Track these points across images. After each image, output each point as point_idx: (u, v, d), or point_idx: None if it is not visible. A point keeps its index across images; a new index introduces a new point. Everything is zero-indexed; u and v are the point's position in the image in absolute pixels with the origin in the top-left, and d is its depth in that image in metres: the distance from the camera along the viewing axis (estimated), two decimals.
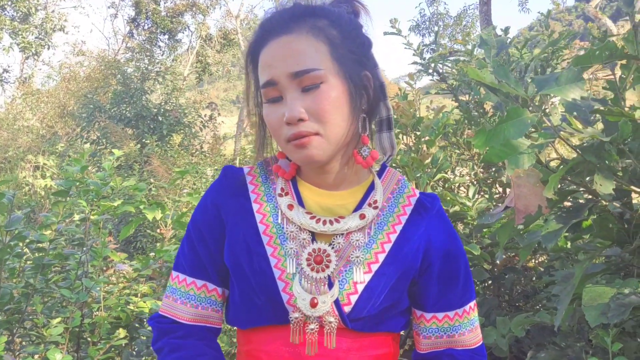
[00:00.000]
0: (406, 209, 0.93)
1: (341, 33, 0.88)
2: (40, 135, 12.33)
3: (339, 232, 0.88)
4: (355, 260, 0.87)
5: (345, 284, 0.86)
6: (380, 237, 0.90)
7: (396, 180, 0.97)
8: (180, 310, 0.93)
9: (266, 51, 0.86)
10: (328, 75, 0.84)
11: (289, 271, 0.87)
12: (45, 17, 19.59)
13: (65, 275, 2.10)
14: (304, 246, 0.88)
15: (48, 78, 18.65)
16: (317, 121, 0.83)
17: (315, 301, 0.85)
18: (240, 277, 0.90)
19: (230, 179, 0.96)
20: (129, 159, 6.73)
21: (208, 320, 0.95)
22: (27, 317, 1.98)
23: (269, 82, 0.85)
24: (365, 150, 0.90)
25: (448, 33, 18.98)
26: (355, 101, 0.87)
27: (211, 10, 16.47)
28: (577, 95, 1.17)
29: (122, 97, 8.57)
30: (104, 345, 1.77)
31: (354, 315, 0.86)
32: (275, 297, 0.86)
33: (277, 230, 0.89)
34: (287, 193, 0.92)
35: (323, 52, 0.85)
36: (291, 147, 0.85)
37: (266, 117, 0.88)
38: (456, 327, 0.94)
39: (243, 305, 0.91)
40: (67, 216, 2.07)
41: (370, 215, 0.89)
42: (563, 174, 1.23)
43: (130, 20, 16.93)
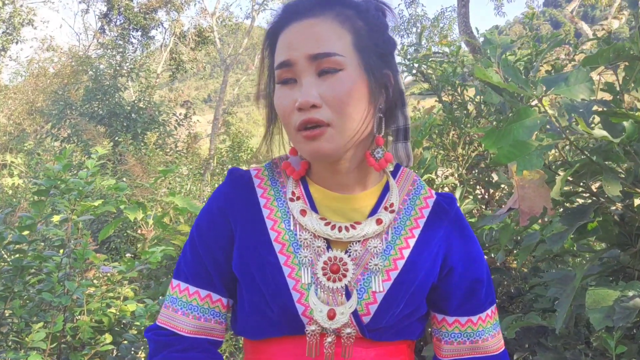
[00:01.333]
0: (424, 212, 0.89)
1: (367, 25, 0.84)
2: (7, 133, 12.01)
3: (355, 239, 0.84)
4: (374, 268, 0.83)
5: (363, 294, 0.82)
6: (398, 243, 0.86)
7: (412, 181, 0.93)
8: (181, 321, 0.87)
9: (287, 32, 0.82)
10: (348, 64, 0.79)
11: (304, 281, 0.82)
12: (14, 11, 19.04)
13: (45, 277, 2.01)
14: (319, 254, 0.83)
15: (16, 74, 18.16)
16: (331, 110, 0.78)
17: (333, 313, 0.81)
18: (251, 287, 0.85)
19: (237, 182, 0.90)
20: (102, 158, 6.58)
21: (210, 333, 0.89)
22: (4, 322, 1.89)
23: (285, 62, 0.80)
24: (379, 152, 0.85)
25: (426, 35, 19.12)
26: (374, 97, 0.83)
27: (186, 7, 16.24)
28: (587, 95, 1.16)
29: (94, 94, 8.36)
30: (89, 350, 1.69)
31: (373, 325, 0.83)
32: (290, 308, 0.81)
33: (290, 237, 0.84)
34: (299, 197, 0.87)
35: (346, 40, 0.81)
36: (301, 137, 0.80)
37: (277, 101, 0.82)
38: (480, 332, 0.91)
39: (254, 316, 0.86)
40: (48, 216, 1.99)
41: (387, 220, 0.86)
42: (570, 175, 1.22)
43: (102, 15, 16.57)
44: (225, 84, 14.86)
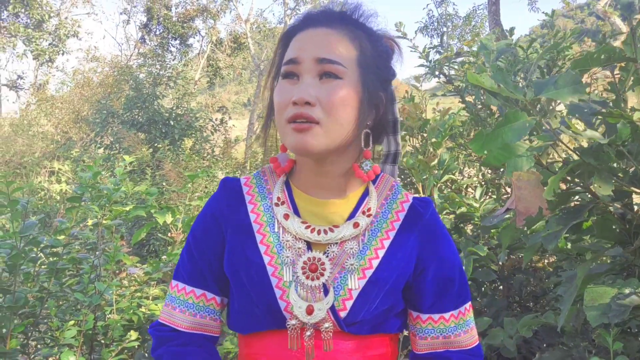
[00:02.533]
0: (399, 215, 0.95)
1: (373, 50, 0.94)
2: (55, 141, 12.48)
3: (333, 241, 0.91)
4: (350, 267, 0.90)
5: (340, 291, 0.89)
6: (374, 244, 0.92)
7: (390, 186, 0.99)
8: (179, 318, 0.96)
9: (302, 35, 0.91)
10: (348, 75, 0.88)
11: (286, 279, 0.89)
12: (59, 24, 19.83)
13: (79, 279, 2.15)
14: (299, 255, 0.90)
15: (62, 84, 18.88)
16: (323, 111, 0.86)
17: (311, 308, 0.88)
18: (239, 286, 0.92)
19: (229, 190, 0.99)
20: (142, 164, 6.82)
21: (206, 329, 0.97)
22: (41, 321, 2.03)
23: (294, 59, 0.89)
24: (367, 164, 0.93)
25: (457, 34, 18.92)
26: (363, 110, 0.90)
27: (221, 14, 16.59)
28: (575, 98, 1.18)
29: (134, 102, 8.66)
30: (116, 347, 1.81)
31: (350, 319, 0.89)
32: (273, 304, 0.89)
33: (274, 239, 0.92)
34: (284, 202, 0.94)
35: (352, 55, 0.89)
36: (289, 129, 0.87)
37: (276, 93, 0.91)
38: (452, 328, 0.96)
39: (242, 312, 0.93)
40: (80, 221, 2.12)
41: (363, 224, 0.92)
42: (563, 176, 1.25)
43: (142, 26, 17.12)
44: (260, 88, 15.11)
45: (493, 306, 2.49)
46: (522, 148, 1.21)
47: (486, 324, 2.20)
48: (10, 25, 19.17)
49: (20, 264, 1.86)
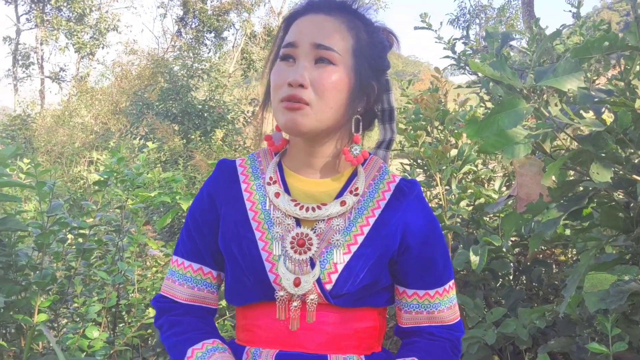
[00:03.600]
0: (385, 195, 0.99)
1: (370, 40, 0.99)
2: (94, 132, 12.87)
3: (320, 218, 0.96)
4: (336, 243, 0.94)
5: (326, 264, 0.93)
6: (359, 221, 0.96)
7: (378, 167, 1.03)
8: (178, 291, 1.02)
9: (302, 20, 0.97)
10: (342, 62, 0.93)
11: (275, 253, 0.94)
12: (100, 18, 20.35)
13: (104, 259, 2.26)
14: (288, 231, 0.95)
15: (102, 76, 19.41)
16: (314, 93, 0.91)
17: (298, 281, 0.93)
18: (232, 260, 0.98)
19: (224, 170, 1.05)
20: (175, 154, 6.99)
21: (204, 301, 1.04)
22: (69, 298, 2.15)
23: (292, 43, 0.94)
24: (356, 149, 0.98)
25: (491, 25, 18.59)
26: (354, 96, 0.95)
27: (255, 8, 16.76)
28: (574, 86, 1.19)
29: (169, 94, 8.87)
30: (135, 323, 1.90)
31: (335, 292, 0.94)
32: (263, 277, 0.94)
33: (265, 216, 0.97)
34: (275, 182, 1.00)
35: (347, 44, 0.95)
36: (282, 107, 0.92)
37: (273, 73, 0.96)
38: (436, 304, 1.01)
39: (235, 285, 0.99)
40: (106, 205, 2.22)
41: (350, 202, 0.97)
42: (562, 164, 1.26)
43: (179, 19, 17.43)
44: None
45: (510, 297, 2.49)
46: (520, 135, 1.22)
47: (501, 313, 2.21)
48: (53, 19, 19.79)
49: (49, 244, 1.97)
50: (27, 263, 1.93)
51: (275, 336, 0.96)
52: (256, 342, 0.98)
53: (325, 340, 0.96)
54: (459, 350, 1.02)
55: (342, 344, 0.97)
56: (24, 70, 21.35)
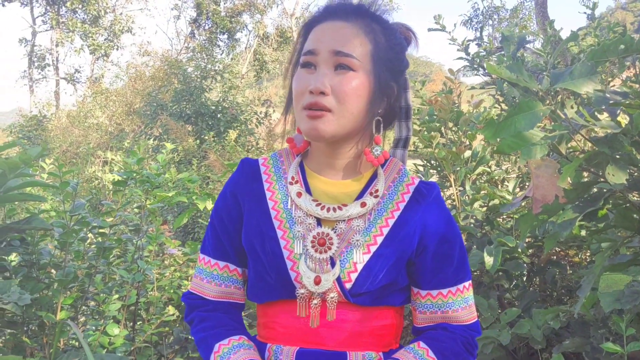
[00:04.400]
0: (405, 197, 1.01)
1: (387, 42, 1.01)
2: (108, 132, 12.99)
3: (341, 218, 0.98)
4: (356, 243, 0.97)
5: (345, 264, 0.96)
6: (379, 222, 0.99)
7: (397, 170, 1.05)
8: (207, 288, 1.06)
9: (321, 27, 0.99)
10: (361, 67, 0.95)
11: (296, 252, 0.97)
12: (114, 20, 20.55)
13: (124, 258, 2.30)
14: (309, 230, 0.98)
15: (116, 78, 19.59)
16: (336, 99, 0.94)
17: (319, 279, 0.95)
18: (254, 257, 1.01)
19: (247, 169, 1.07)
20: (188, 155, 7.06)
21: (231, 297, 1.07)
22: (89, 296, 2.19)
23: (312, 50, 0.97)
24: (377, 149, 1.01)
25: (504, 27, 18.51)
26: (374, 100, 0.98)
27: (268, 9, 16.85)
28: (591, 88, 1.21)
29: (182, 95, 8.95)
30: (155, 320, 1.94)
31: (355, 291, 0.96)
32: (284, 274, 0.97)
33: (287, 215, 1.00)
34: (297, 181, 1.02)
35: (366, 49, 0.97)
36: (304, 115, 0.95)
37: (295, 81, 0.99)
38: (449, 303, 1.02)
39: (257, 282, 1.02)
40: (125, 204, 2.27)
41: (370, 204, 0.99)
42: (577, 165, 1.27)
43: (192, 21, 17.56)
44: None
45: (525, 298, 2.50)
46: (537, 136, 1.24)
47: (515, 314, 2.22)
48: (69, 21, 20.02)
49: (71, 242, 2.02)
50: (50, 261, 1.98)
51: (295, 333, 0.99)
52: (277, 339, 1.01)
53: (345, 338, 0.98)
54: (472, 347, 1.03)
55: (361, 341, 0.99)
56: (39, 72, 21.63)
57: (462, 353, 1.01)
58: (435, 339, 1.01)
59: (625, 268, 1.52)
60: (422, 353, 0.98)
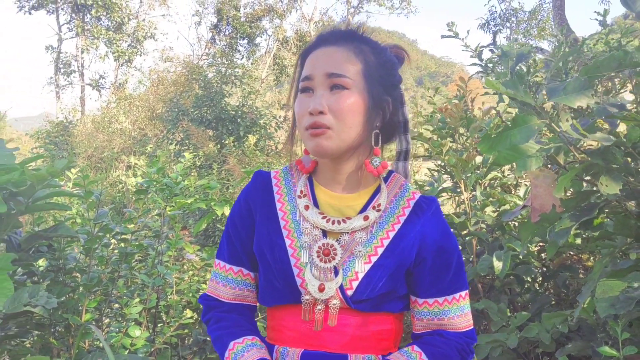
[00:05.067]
0: (405, 211, 1.09)
1: (377, 60, 1.09)
2: (132, 137, 13.23)
3: (345, 230, 1.06)
4: (358, 253, 1.04)
5: (348, 272, 1.03)
6: (380, 234, 1.06)
7: (399, 185, 1.13)
8: (222, 291, 1.14)
9: (315, 54, 1.08)
10: (354, 85, 1.04)
11: (303, 260, 1.05)
12: (137, 26, 20.93)
13: (145, 263, 2.40)
14: (315, 240, 1.06)
15: (139, 83, 19.95)
16: (333, 117, 1.02)
17: (323, 287, 1.03)
18: (264, 264, 1.09)
19: (260, 181, 1.16)
20: (209, 159, 7.20)
21: (245, 299, 1.15)
22: (113, 299, 2.30)
23: (308, 76, 1.06)
24: (376, 160, 1.08)
25: (522, 29, 18.35)
26: (370, 114, 1.05)
27: (287, 14, 17.00)
28: (584, 103, 1.26)
29: (203, 101, 9.11)
30: (174, 323, 2.04)
31: (356, 298, 1.03)
32: (291, 281, 1.05)
33: (295, 226, 1.08)
34: (305, 195, 1.10)
35: (357, 68, 1.05)
36: (307, 134, 1.03)
37: (296, 106, 1.08)
38: (445, 311, 1.08)
39: (266, 287, 1.10)
40: (146, 211, 2.37)
41: (373, 217, 1.06)
42: (573, 176, 1.32)
43: (213, 26, 17.81)
44: None
45: (536, 302, 2.53)
46: (532, 149, 1.30)
47: (525, 318, 2.26)
48: (93, 28, 20.45)
49: (95, 248, 2.12)
50: (75, 266, 2.09)
51: (300, 336, 1.07)
52: (284, 341, 1.09)
53: (346, 341, 1.05)
54: (467, 353, 1.09)
55: (362, 345, 1.06)
56: (65, 78, 22.13)
57: (454, 358, 1.07)
58: (429, 344, 1.08)
59: (627, 274, 1.56)
60: (415, 356, 1.05)
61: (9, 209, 1.62)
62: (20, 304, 1.51)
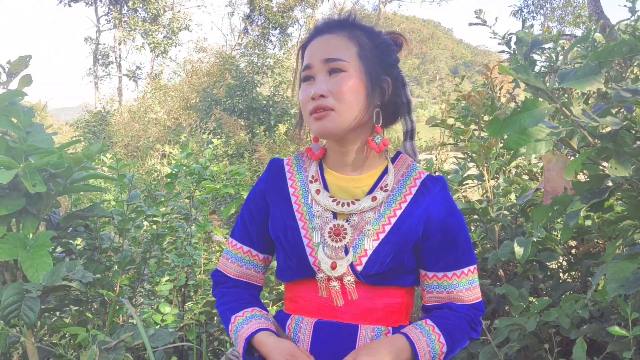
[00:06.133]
0: (412, 190, 1.14)
1: (372, 43, 1.15)
2: (167, 127, 13.48)
3: (354, 212, 1.12)
4: (367, 232, 1.10)
5: (357, 250, 1.10)
6: (388, 213, 1.12)
7: (407, 165, 1.18)
8: (229, 267, 1.23)
9: (311, 44, 1.15)
10: (351, 67, 1.09)
11: (315, 241, 1.12)
12: (172, 17, 21.25)
13: (175, 244, 2.52)
14: (326, 222, 1.13)
15: (174, 74, 20.30)
16: (334, 99, 1.08)
17: (335, 265, 1.09)
18: (280, 245, 1.17)
19: (274, 169, 1.23)
20: (240, 148, 7.33)
21: (250, 278, 1.24)
22: (145, 279, 2.42)
23: (307, 65, 1.13)
24: (378, 138, 1.14)
25: (557, 16, 17.86)
26: (370, 93, 1.11)
27: (319, 3, 17.02)
28: (594, 87, 1.29)
29: (235, 91, 9.24)
30: (201, 300, 2.14)
31: (365, 272, 1.09)
32: (304, 260, 1.12)
33: (307, 209, 1.15)
34: (317, 180, 1.17)
35: (352, 51, 1.11)
36: (312, 119, 1.10)
37: (300, 94, 1.14)
38: (454, 285, 1.14)
39: (283, 265, 1.18)
40: (176, 195, 2.48)
41: (380, 197, 1.12)
42: (584, 159, 1.35)
43: (245, 17, 17.97)
44: None
45: (559, 289, 2.54)
46: (542, 132, 1.33)
47: (546, 303, 2.28)
48: (130, 20, 20.86)
49: (128, 229, 2.24)
50: (110, 246, 2.21)
51: (315, 307, 1.14)
52: (300, 311, 1.16)
53: (358, 313, 1.12)
54: (476, 324, 1.15)
55: (372, 317, 1.13)
56: (103, 69, 22.68)
57: (465, 329, 1.14)
58: (441, 317, 1.14)
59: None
60: (429, 329, 1.11)
61: (48, 190, 1.74)
62: (59, 277, 1.62)
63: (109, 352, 1.80)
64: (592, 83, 1.29)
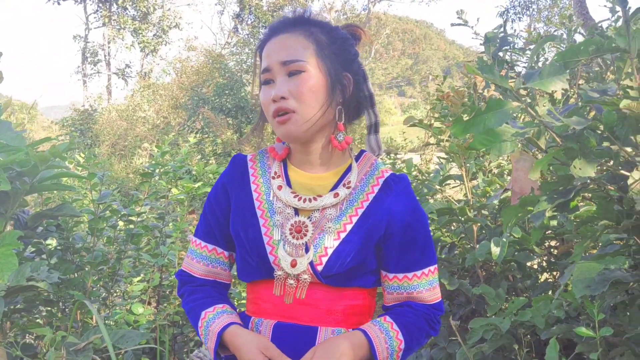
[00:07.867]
0: (374, 188, 1.13)
1: (329, 39, 1.13)
2: (155, 125, 13.43)
3: (315, 208, 1.10)
4: (328, 230, 1.08)
5: (318, 249, 1.08)
6: (349, 211, 1.10)
7: (370, 164, 1.16)
8: (195, 267, 1.20)
9: (268, 45, 1.12)
10: (310, 66, 1.07)
11: (275, 238, 1.10)
12: (162, 16, 21.15)
13: (151, 244, 2.49)
14: (287, 219, 1.10)
15: (163, 72, 20.20)
16: (295, 100, 1.06)
17: (295, 262, 1.08)
18: (240, 243, 1.14)
19: (237, 165, 1.21)
20: (227, 147, 7.30)
21: (217, 276, 1.21)
22: (120, 279, 2.39)
23: (265, 68, 1.10)
24: (340, 135, 1.12)
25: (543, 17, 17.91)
26: (331, 91, 1.09)
27: (309, 3, 16.99)
28: (558, 87, 1.28)
29: (223, 90, 9.20)
30: (175, 301, 2.12)
31: (325, 272, 1.08)
32: (264, 258, 1.10)
33: (269, 205, 1.13)
34: (279, 176, 1.15)
35: (309, 49, 1.09)
36: (275, 122, 1.08)
37: (261, 96, 1.12)
38: (414, 286, 1.13)
39: (243, 264, 1.16)
40: (152, 194, 2.45)
41: (343, 194, 1.11)
42: (549, 160, 1.34)
43: (235, 15, 17.91)
44: None
45: (538, 289, 2.54)
46: (508, 133, 1.32)
47: (521, 303, 2.28)
48: (120, 18, 20.74)
49: (101, 229, 2.21)
50: (82, 246, 2.18)
51: (275, 309, 1.12)
52: (259, 313, 1.14)
53: (317, 315, 1.10)
54: (434, 322, 1.15)
55: (332, 318, 1.11)
56: (92, 67, 22.53)
57: (424, 327, 1.13)
58: (399, 314, 1.13)
59: (612, 257, 1.57)
60: (387, 326, 1.09)
61: (14, 188, 1.71)
62: (23, 277, 1.60)
63: (77, 353, 1.77)
64: (557, 83, 1.29)
